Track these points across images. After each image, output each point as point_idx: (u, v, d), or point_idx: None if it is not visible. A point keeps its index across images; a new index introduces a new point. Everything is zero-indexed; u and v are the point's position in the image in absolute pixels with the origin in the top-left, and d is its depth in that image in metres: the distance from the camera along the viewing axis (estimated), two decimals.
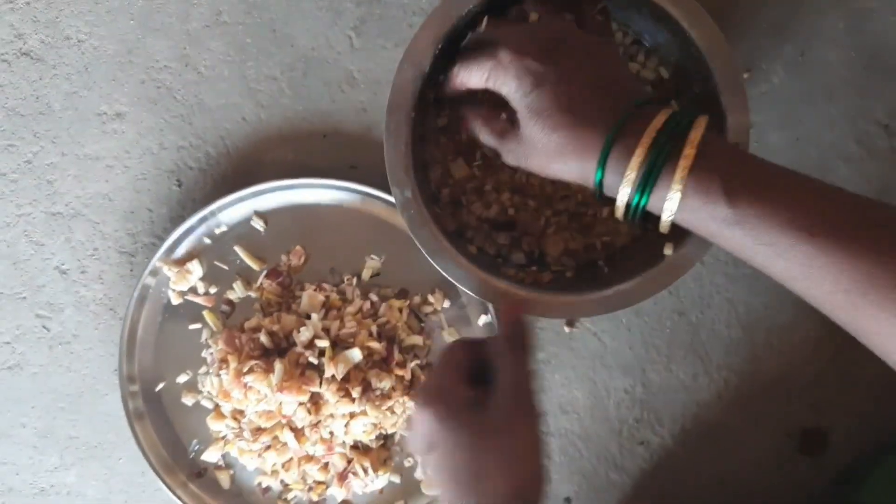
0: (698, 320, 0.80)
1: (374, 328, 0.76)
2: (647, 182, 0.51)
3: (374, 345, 0.75)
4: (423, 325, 0.79)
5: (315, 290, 0.77)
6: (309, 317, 0.76)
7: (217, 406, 0.77)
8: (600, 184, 0.53)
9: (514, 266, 0.72)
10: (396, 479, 0.79)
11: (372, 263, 0.78)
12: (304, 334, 0.74)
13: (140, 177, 0.80)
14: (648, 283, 0.65)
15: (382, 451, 0.79)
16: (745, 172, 0.50)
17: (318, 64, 0.79)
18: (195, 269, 0.78)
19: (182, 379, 0.79)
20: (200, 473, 0.80)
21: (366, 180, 0.76)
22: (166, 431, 0.79)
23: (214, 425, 0.78)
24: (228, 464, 0.80)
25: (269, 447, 0.77)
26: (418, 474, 0.79)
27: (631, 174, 0.51)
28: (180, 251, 0.78)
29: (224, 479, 0.79)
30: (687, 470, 0.81)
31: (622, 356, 0.81)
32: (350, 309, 0.77)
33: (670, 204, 0.50)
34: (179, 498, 0.77)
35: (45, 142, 0.80)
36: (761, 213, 0.48)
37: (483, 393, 0.56)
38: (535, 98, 0.55)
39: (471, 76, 0.60)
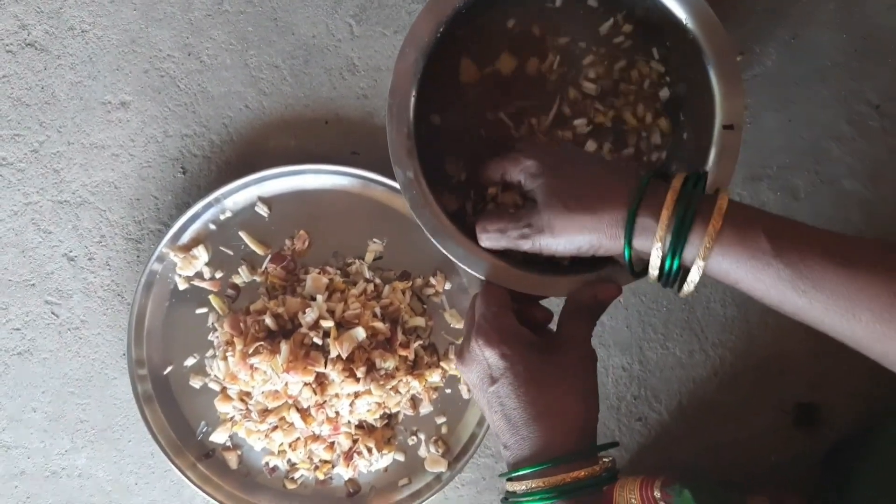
0: (694, 299, 0.82)
1: (377, 310, 0.77)
2: (678, 237, 0.54)
3: (378, 325, 0.76)
4: (425, 306, 0.81)
5: (319, 273, 0.79)
6: (313, 299, 0.77)
7: (224, 388, 0.79)
8: (629, 250, 0.57)
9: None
10: (401, 458, 0.81)
11: (374, 247, 0.80)
12: (309, 315, 0.75)
13: (145, 164, 0.82)
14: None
15: (387, 430, 0.81)
16: (769, 216, 0.54)
17: (319, 51, 0.80)
18: (201, 254, 0.79)
19: (189, 362, 0.81)
20: (209, 454, 0.81)
21: (367, 165, 0.77)
22: (175, 414, 0.81)
23: (222, 407, 0.79)
24: (236, 444, 0.81)
25: (275, 427, 0.78)
26: (422, 452, 0.81)
27: (662, 228, 0.54)
28: (186, 237, 0.79)
29: (232, 459, 0.81)
30: (684, 445, 0.83)
31: (620, 335, 0.82)
32: (354, 291, 0.78)
33: (706, 247, 0.53)
34: (188, 478, 0.79)
35: (50, 131, 0.81)
36: (798, 247, 0.51)
37: (538, 338, 0.60)
38: (553, 179, 0.60)
39: (489, 170, 0.67)
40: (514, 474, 0.56)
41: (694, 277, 0.54)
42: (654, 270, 0.56)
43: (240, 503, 0.80)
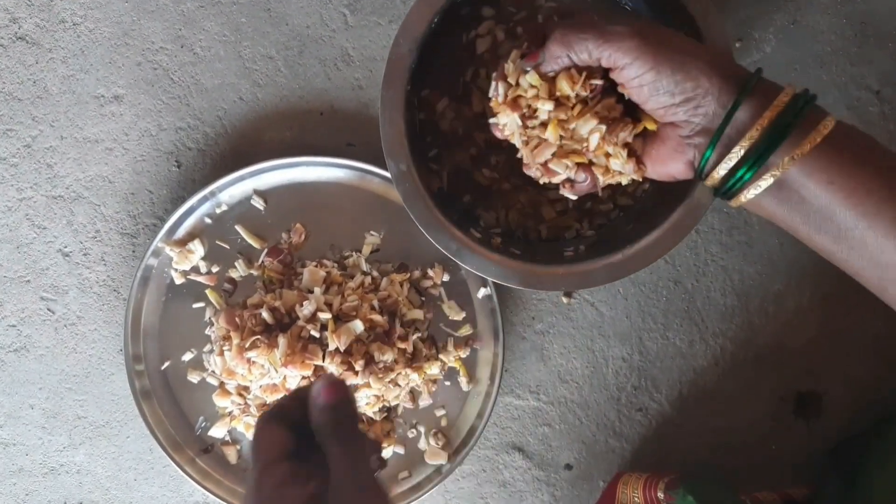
0: (694, 288, 0.81)
1: (375, 302, 0.77)
2: (771, 141, 0.51)
3: (376, 318, 0.76)
4: (423, 298, 0.80)
5: (316, 266, 0.78)
6: (311, 292, 0.77)
7: (222, 383, 0.79)
8: (723, 127, 0.53)
9: (504, 237, 0.73)
10: (400, 451, 0.81)
11: (371, 239, 0.79)
12: (306, 308, 0.75)
13: (139, 158, 0.81)
14: (642, 255, 0.66)
15: (386, 423, 0.80)
16: (872, 146, 0.51)
17: (314, 42, 0.80)
18: (197, 248, 0.79)
19: (187, 357, 0.80)
20: (207, 449, 0.81)
21: (363, 157, 0.77)
22: (173, 409, 0.80)
23: (220, 402, 0.79)
24: (235, 439, 0.81)
25: None
26: (422, 445, 0.80)
27: (753, 134, 0.51)
28: (181, 231, 0.79)
29: (231, 454, 0.81)
30: (684, 435, 0.82)
31: (619, 325, 0.82)
32: (351, 284, 0.78)
33: (792, 160, 0.50)
34: (187, 473, 0.79)
35: (43, 125, 0.81)
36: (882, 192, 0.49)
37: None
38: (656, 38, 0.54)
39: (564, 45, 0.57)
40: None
41: (751, 193, 0.52)
42: (723, 170, 0.53)
43: (239, 498, 0.80)
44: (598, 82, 0.56)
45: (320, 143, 0.80)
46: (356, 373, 0.75)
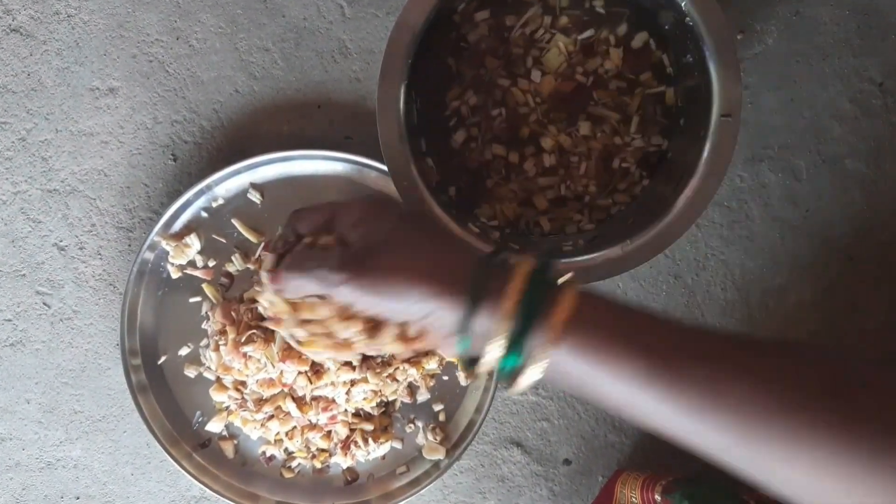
0: (694, 283, 0.81)
1: None
2: (518, 338, 0.47)
3: None
4: None
5: None
6: None
7: (219, 378, 0.78)
8: (465, 346, 0.50)
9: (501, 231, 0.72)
10: (398, 446, 0.80)
11: None
12: None
13: (135, 152, 0.80)
14: (642, 249, 0.66)
15: (384, 418, 0.80)
16: (614, 317, 0.48)
17: (310, 34, 0.79)
18: (193, 242, 0.78)
19: (184, 352, 0.80)
20: (205, 444, 0.81)
21: (360, 150, 0.76)
22: (169, 403, 0.80)
23: (217, 396, 0.78)
24: (232, 434, 0.81)
25: (271, 417, 0.77)
26: (420, 440, 0.80)
27: (502, 330, 0.47)
28: (178, 225, 0.78)
29: (228, 448, 0.80)
30: None
31: None
32: None
33: (543, 356, 0.47)
34: (184, 468, 0.78)
35: (38, 118, 0.80)
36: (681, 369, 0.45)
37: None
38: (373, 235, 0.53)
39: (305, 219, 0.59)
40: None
41: (527, 381, 0.48)
42: (487, 365, 0.49)
43: (237, 493, 0.80)
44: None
45: (317, 137, 0.79)
46: (353, 368, 0.74)
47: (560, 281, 0.49)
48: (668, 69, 0.72)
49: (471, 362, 0.51)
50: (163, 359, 0.80)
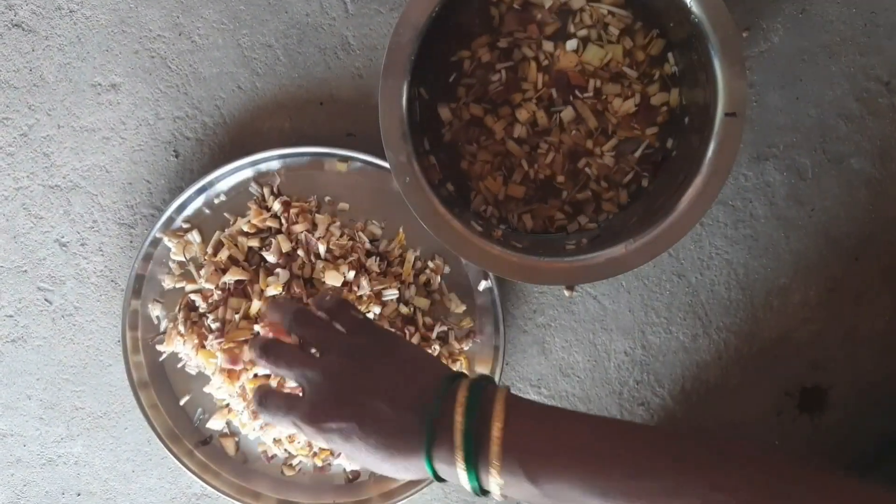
0: (698, 282, 0.80)
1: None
2: (469, 466, 0.52)
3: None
4: (429, 289, 0.79)
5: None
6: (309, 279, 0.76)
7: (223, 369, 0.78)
8: (435, 475, 0.55)
9: (506, 229, 0.72)
10: None
11: (372, 229, 0.78)
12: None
13: (137, 148, 0.80)
14: (644, 249, 0.65)
15: None
16: (533, 442, 0.52)
17: (313, 30, 0.78)
18: (195, 239, 0.78)
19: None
20: (206, 441, 0.80)
21: (363, 147, 0.76)
22: (171, 401, 0.80)
23: (218, 394, 0.78)
24: (233, 431, 0.81)
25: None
26: None
27: (458, 464, 0.52)
28: (179, 222, 0.78)
29: (229, 446, 0.80)
30: (687, 430, 0.81)
31: (622, 319, 0.81)
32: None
33: (494, 486, 0.52)
34: (185, 465, 0.78)
35: (40, 114, 0.80)
36: (560, 486, 0.50)
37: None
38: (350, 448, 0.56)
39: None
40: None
41: (496, 498, 0.54)
42: (470, 491, 0.54)
43: (237, 490, 0.79)
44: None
45: (320, 133, 0.79)
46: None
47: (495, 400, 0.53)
48: (672, 67, 0.72)
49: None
50: (164, 355, 0.79)
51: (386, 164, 0.74)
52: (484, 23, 0.71)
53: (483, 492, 0.54)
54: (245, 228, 0.77)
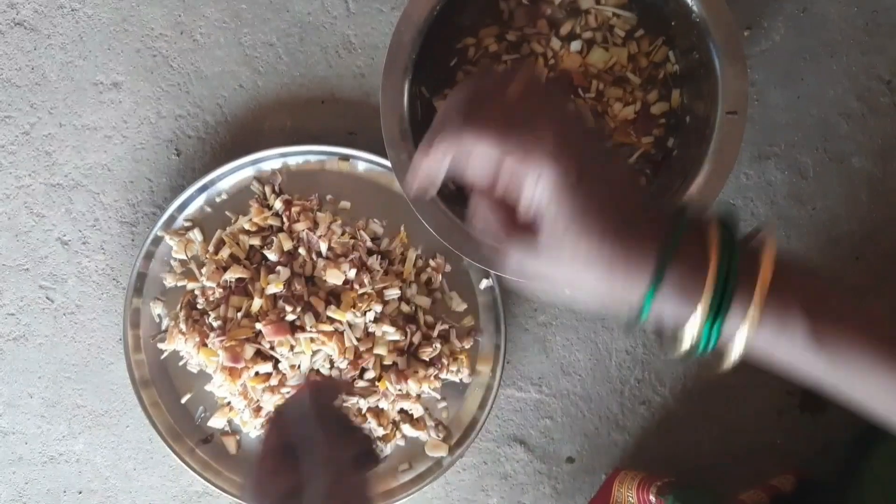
0: None
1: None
2: (719, 308, 0.42)
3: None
4: (431, 287, 0.79)
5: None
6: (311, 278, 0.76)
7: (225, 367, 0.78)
8: (647, 312, 0.43)
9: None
10: (401, 443, 0.80)
11: (373, 227, 0.78)
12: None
13: (139, 146, 0.80)
14: None
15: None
16: (819, 293, 0.43)
17: (315, 29, 0.78)
18: (196, 237, 0.78)
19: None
20: (207, 439, 0.80)
21: (364, 146, 0.76)
22: (172, 399, 0.80)
23: (220, 392, 0.78)
24: (235, 429, 0.81)
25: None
26: (422, 436, 0.80)
27: (705, 299, 0.42)
28: (181, 220, 0.78)
29: (231, 444, 0.80)
30: (688, 429, 0.81)
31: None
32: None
33: (746, 330, 0.42)
34: (187, 464, 0.78)
35: (42, 112, 0.80)
36: (842, 338, 0.42)
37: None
38: (572, 194, 0.42)
39: (474, 171, 0.45)
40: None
41: (734, 356, 0.43)
42: (686, 342, 0.44)
43: (239, 488, 0.79)
44: None
45: (321, 132, 0.79)
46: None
47: (755, 243, 0.44)
48: (674, 66, 0.72)
49: (659, 335, 0.46)
50: (165, 354, 0.79)
51: (387, 163, 0.74)
52: (493, 16, 0.71)
53: (709, 349, 0.44)
54: (246, 227, 0.77)
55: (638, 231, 0.42)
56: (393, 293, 0.76)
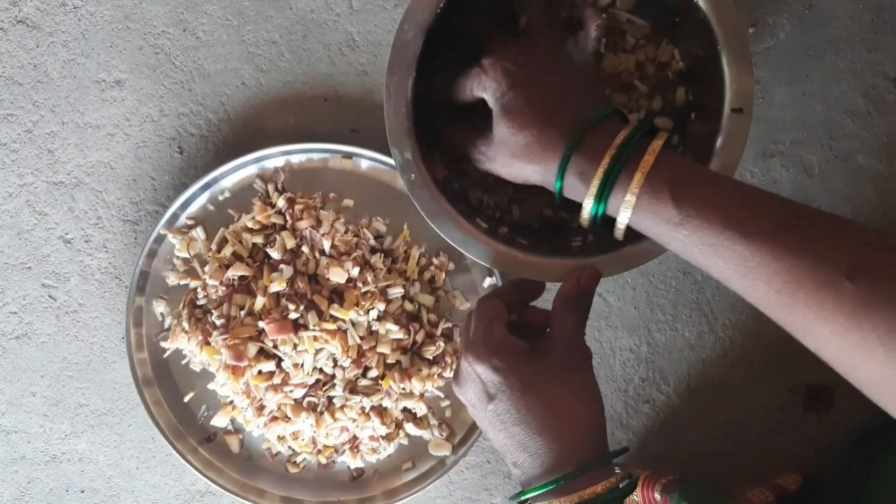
0: (703, 279, 0.80)
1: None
2: (604, 189, 0.54)
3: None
4: (434, 286, 0.79)
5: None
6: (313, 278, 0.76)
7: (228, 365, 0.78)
8: (560, 189, 0.57)
9: (511, 226, 0.72)
10: (404, 441, 0.80)
11: (376, 225, 0.78)
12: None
13: (141, 144, 0.80)
14: (651, 246, 0.65)
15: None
16: (691, 180, 0.52)
17: (318, 26, 0.78)
18: (199, 236, 0.78)
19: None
20: (210, 438, 0.80)
21: (368, 144, 0.76)
22: (175, 397, 0.80)
23: (222, 390, 0.78)
24: (237, 428, 0.81)
25: (275, 418, 0.77)
26: (426, 435, 0.79)
27: (595, 182, 0.54)
28: (184, 219, 0.78)
29: (233, 443, 0.80)
30: (692, 427, 0.81)
31: (627, 316, 0.81)
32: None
33: (626, 208, 0.53)
34: (190, 462, 0.78)
35: (44, 110, 0.80)
36: (702, 215, 0.50)
37: (531, 345, 0.58)
38: (510, 98, 0.58)
39: (458, 87, 0.64)
40: (526, 496, 0.54)
41: (618, 232, 0.56)
42: (583, 214, 0.56)
43: (241, 487, 0.79)
44: None
45: (324, 130, 0.79)
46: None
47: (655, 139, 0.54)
48: (678, 63, 0.71)
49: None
50: (168, 352, 0.79)
51: (390, 161, 0.74)
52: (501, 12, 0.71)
53: (598, 222, 0.56)
54: (249, 225, 0.76)
55: (556, 126, 0.56)
56: (396, 291, 0.76)
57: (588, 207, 0.55)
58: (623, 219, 0.54)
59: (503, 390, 0.55)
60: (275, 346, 0.75)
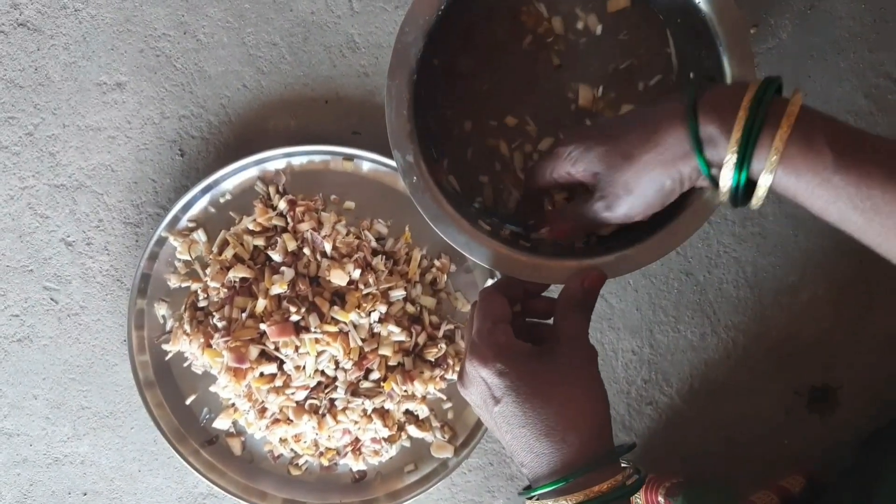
0: (706, 280, 0.80)
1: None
2: (747, 146, 0.49)
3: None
4: (436, 287, 0.79)
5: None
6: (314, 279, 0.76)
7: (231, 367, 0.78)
8: (706, 163, 0.53)
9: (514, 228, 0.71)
10: (407, 444, 0.80)
11: (378, 227, 0.78)
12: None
13: (142, 147, 0.80)
14: (653, 247, 0.65)
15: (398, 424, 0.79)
16: (837, 125, 0.49)
17: (318, 28, 0.78)
18: (200, 238, 0.78)
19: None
20: (212, 441, 0.80)
21: (369, 146, 0.76)
22: (177, 400, 0.80)
23: (224, 393, 0.78)
24: (239, 430, 0.80)
25: (276, 421, 0.77)
26: (428, 437, 0.79)
27: (733, 145, 0.50)
28: (185, 221, 0.78)
29: (236, 445, 0.80)
30: (695, 429, 0.81)
31: (630, 317, 0.80)
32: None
33: (770, 166, 0.49)
34: (192, 465, 0.78)
35: (45, 113, 0.80)
36: (861, 169, 0.47)
37: (535, 345, 0.58)
38: (595, 153, 0.58)
39: (538, 177, 0.65)
40: (534, 493, 0.54)
41: (761, 192, 0.51)
42: (724, 184, 0.52)
43: (244, 490, 0.79)
44: None
45: (325, 132, 0.79)
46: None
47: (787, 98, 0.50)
48: (679, 62, 0.71)
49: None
50: (170, 355, 0.79)
51: (392, 163, 0.74)
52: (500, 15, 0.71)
53: (737, 193, 0.52)
54: (250, 227, 0.76)
55: (662, 126, 0.54)
56: (398, 293, 0.76)
57: (729, 175, 0.51)
58: (766, 179, 0.50)
59: (508, 393, 0.55)
60: (276, 349, 0.74)
